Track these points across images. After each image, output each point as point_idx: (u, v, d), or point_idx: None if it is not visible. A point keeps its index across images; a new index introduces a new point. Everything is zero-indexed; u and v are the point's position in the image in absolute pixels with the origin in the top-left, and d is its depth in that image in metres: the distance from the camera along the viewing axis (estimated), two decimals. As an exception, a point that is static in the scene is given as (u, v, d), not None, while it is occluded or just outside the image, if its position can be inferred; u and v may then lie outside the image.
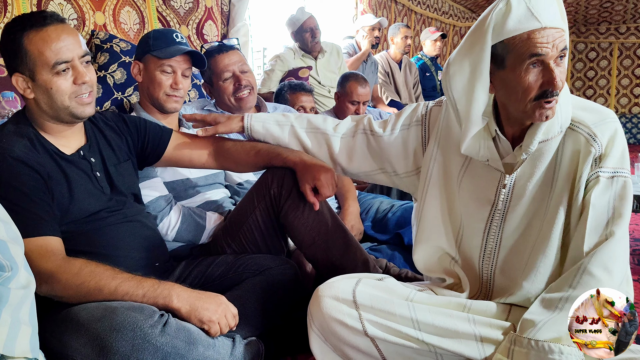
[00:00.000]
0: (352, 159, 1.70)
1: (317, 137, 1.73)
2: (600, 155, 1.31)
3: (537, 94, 1.27)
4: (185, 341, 1.34)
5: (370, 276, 1.44)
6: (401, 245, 2.32)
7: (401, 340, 1.31)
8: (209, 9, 3.42)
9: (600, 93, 9.18)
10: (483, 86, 1.33)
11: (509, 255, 1.44)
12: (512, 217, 1.42)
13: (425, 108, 1.61)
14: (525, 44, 1.24)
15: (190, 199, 2.10)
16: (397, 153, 1.63)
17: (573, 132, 1.35)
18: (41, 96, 1.50)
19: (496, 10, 1.27)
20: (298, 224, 1.76)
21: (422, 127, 1.60)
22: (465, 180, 1.49)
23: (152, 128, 1.81)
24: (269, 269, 1.73)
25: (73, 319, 1.35)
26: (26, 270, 1.18)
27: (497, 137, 1.41)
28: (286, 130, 1.75)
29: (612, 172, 1.31)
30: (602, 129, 1.33)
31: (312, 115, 1.77)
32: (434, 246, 1.54)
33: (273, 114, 1.80)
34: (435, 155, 1.54)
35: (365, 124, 1.69)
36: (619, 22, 8.87)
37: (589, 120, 1.34)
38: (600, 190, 1.30)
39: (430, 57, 5.68)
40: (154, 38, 2.06)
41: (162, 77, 2.04)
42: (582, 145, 1.33)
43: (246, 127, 1.77)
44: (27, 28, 1.45)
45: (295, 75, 3.98)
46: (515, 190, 1.41)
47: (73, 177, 1.54)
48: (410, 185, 1.66)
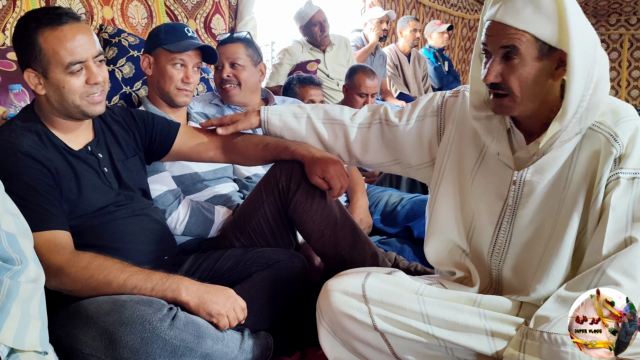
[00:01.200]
0: (367, 150, 1.68)
1: (334, 128, 1.71)
2: (621, 156, 1.28)
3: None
4: (194, 334, 1.34)
5: (380, 270, 1.44)
6: (410, 239, 2.31)
7: (411, 334, 1.30)
8: (217, 3, 3.41)
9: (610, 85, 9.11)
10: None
11: (520, 253, 1.43)
12: (523, 214, 1.40)
13: (442, 98, 1.59)
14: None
15: (198, 193, 2.10)
16: (412, 144, 1.61)
17: (593, 132, 1.31)
18: (52, 93, 1.49)
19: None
20: (306, 217, 1.76)
21: (438, 117, 1.58)
22: (479, 175, 1.47)
23: (159, 122, 1.81)
24: (277, 262, 1.73)
25: (82, 313, 1.36)
26: (36, 264, 1.18)
27: (511, 130, 1.40)
28: (302, 122, 1.74)
29: (633, 173, 1.27)
30: (623, 128, 1.29)
31: (329, 106, 1.76)
32: (446, 239, 1.53)
33: (289, 105, 1.80)
34: (450, 148, 1.53)
35: (381, 112, 1.68)
36: (630, 14, 8.78)
37: (609, 119, 1.31)
38: (621, 192, 1.26)
39: (438, 49, 5.66)
40: (166, 32, 2.06)
41: (173, 70, 2.04)
42: (603, 145, 1.29)
43: (263, 121, 1.76)
44: (43, 25, 1.44)
45: (303, 69, 3.97)
46: (526, 187, 1.38)
47: (81, 173, 1.55)
48: (425, 177, 1.65)
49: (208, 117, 2.28)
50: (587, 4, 8.41)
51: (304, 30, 4.21)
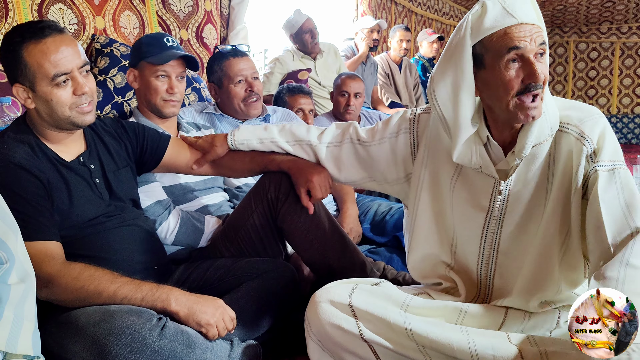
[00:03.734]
0: (341, 168, 1.69)
1: (304, 148, 1.72)
2: (594, 151, 1.30)
3: (519, 89, 1.27)
4: (183, 344, 1.36)
5: (367, 281, 1.45)
6: (399, 248, 2.32)
7: (396, 347, 1.31)
8: (209, 13, 3.43)
9: (602, 93, 9.16)
10: (468, 89, 1.33)
11: (506, 259, 1.44)
12: (509, 223, 1.42)
13: (413, 115, 1.59)
14: (503, 39, 1.26)
15: (189, 203, 2.11)
16: (387, 161, 1.61)
17: (563, 134, 1.35)
18: (42, 106, 1.51)
19: (472, 12, 1.30)
20: (295, 227, 1.78)
21: (411, 134, 1.58)
22: (458, 188, 1.48)
23: (150, 134, 1.82)
24: (267, 272, 1.74)
25: (72, 323, 1.37)
26: (24, 260, 1.17)
27: (488, 143, 1.41)
28: (269, 147, 1.76)
29: (610, 165, 1.29)
30: (589, 125, 1.32)
31: (295, 126, 1.77)
32: (428, 254, 1.54)
33: (256, 128, 1.80)
34: (425, 163, 1.53)
35: (351, 132, 1.67)
36: (621, 22, 8.85)
37: (575, 119, 1.34)
38: (605, 184, 1.28)
39: (428, 59, 5.69)
40: (146, 44, 2.07)
41: (157, 83, 2.05)
42: (573, 144, 1.33)
43: (231, 147, 1.80)
44: (26, 39, 1.46)
45: (294, 78, 3.99)
46: (511, 196, 1.40)
47: (73, 184, 1.56)
48: (401, 192, 1.65)
49: (199, 127, 2.29)
50: (578, 12, 8.47)
51: (294, 38, 4.24)
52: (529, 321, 1.41)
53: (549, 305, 1.42)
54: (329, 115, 3.48)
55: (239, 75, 2.44)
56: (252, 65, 2.51)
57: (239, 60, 2.45)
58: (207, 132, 2.30)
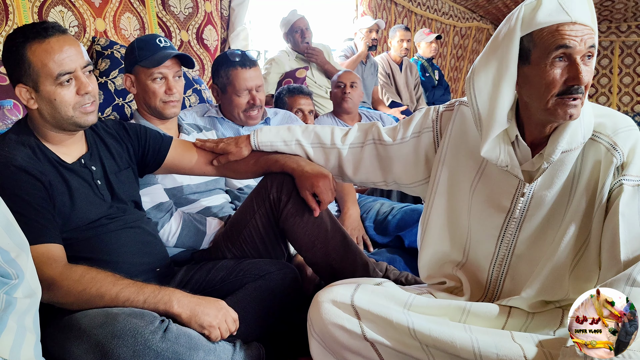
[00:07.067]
0: (359, 169, 1.69)
1: (325, 151, 1.72)
2: (622, 164, 1.28)
3: (561, 90, 1.25)
4: (186, 346, 1.35)
5: (369, 281, 1.45)
6: (402, 248, 2.32)
7: (399, 346, 1.31)
8: (209, 14, 3.43)
9: (602, 92, 9.17)
10: (510, 81, 1.30)
11: (520, 262, 1.44)
12: (528, 226, 1.41)
13: (436, 113, 1.58)
14: (553, 35, 1.23)
15: (190, 205, 2.11)
16: (408, 161, 1.61)
17: (593, 142, 1.32)
18: (45, 107, 1.51)
19: (526, 3, 1.27)
20: (297, 228, 1.77)
21: (434, 132, 1.57)
22: (480, 186, 1.47)
23: (152, 136, 1.82)
24: (269, 273, 1.74)
25: (74, 326, 1.36)
26: (32, 278, 1.18)
27: (516, 142, 1.38)
28: (293, 148, 1.76)
29: (637, 180, 1.27)
30: (622, 137, 1.30)
31: (319, 128, 1.76)
32: (439, 251, 1.54)
33: (279, 129, 1.80)
34: (444, 160, 1.52)
35: (374, 132, 1.67)
36: (620, 21, 8.86)
37: (608, 128, 1.32)
38: (628, 199, 1.26)
39: (427, 59, 5.68)
40: (139, 48, 2.05)
41: (154, 85, 2.04)
42: (603, 155, 1.30)
43: (254, 148, 1.79)
44: (30, 39, 1.46)
45: (292, 77, 4.01)
46: (534, 200, 1.39)
47: (74, 186, 1.56)
48: (421, 192, 1.65)
49: (200, 129, 2.29)
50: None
51: (286, 36, 4.27)
52: (533, 320, 1.41)
53: (553, 304, 1.42)
54: (329, 116, 3.49)
55: (243, 88, 2.44)
56: (259, 74, 2.49)
57: (245, 72, 2.44)
58: (209, 134, 2.31)
